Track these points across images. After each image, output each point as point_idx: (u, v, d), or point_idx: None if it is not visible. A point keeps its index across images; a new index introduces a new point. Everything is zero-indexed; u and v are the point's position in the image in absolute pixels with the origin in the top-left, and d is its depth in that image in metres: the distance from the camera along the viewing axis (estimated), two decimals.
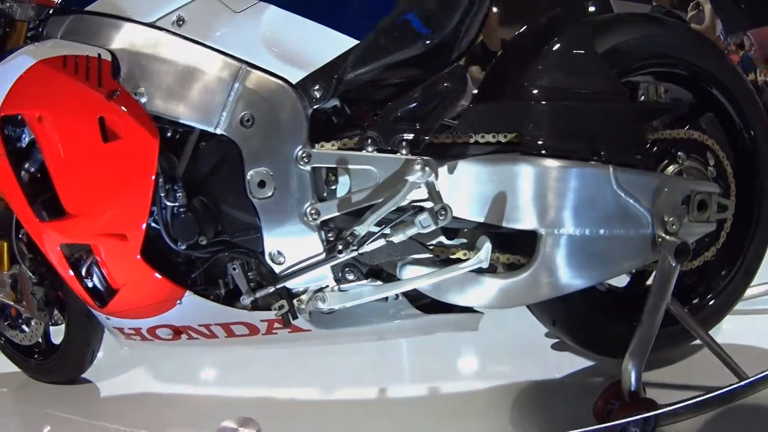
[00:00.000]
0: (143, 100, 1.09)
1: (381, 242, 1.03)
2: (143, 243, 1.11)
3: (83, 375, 1.60)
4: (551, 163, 1.04)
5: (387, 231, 1.02)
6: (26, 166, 1.25)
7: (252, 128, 1.05)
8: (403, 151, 1.02)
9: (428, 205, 1.01)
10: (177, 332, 1.26)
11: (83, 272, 1.24)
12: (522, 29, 1.19)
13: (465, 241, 1.12)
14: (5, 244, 1.51)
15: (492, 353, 1.44)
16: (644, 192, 1.09)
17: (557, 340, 1.46)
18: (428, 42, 1.06)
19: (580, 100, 1.08)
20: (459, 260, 1.07)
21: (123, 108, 1.07)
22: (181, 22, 1.11)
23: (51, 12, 1.33)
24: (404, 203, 1.01)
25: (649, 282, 1.31)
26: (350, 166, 1.03)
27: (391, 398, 1.37)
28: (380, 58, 1.06)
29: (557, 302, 1.15)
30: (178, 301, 1.17)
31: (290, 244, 1.07)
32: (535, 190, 1.04)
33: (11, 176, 1.22)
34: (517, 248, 1.10)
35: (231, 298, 1.18)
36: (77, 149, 1.12)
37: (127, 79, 1.11)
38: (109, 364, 1.61)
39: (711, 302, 1.31)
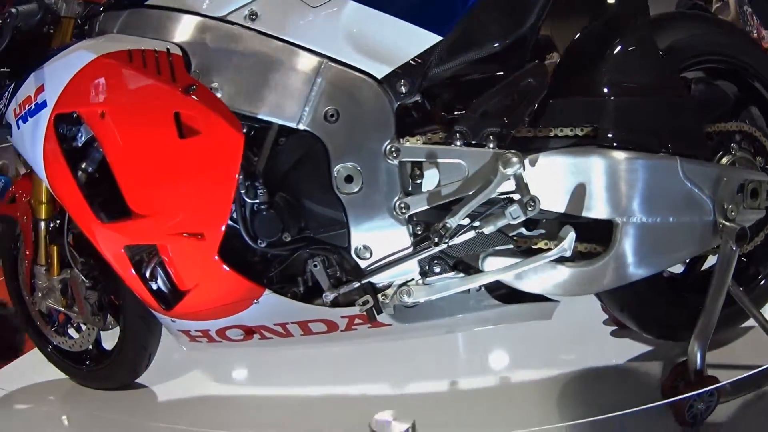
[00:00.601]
0: (218, 95, 1.08)
1: (471, 234, 1.05)
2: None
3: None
4: (625, 156, 1.08)
5: (477, 223, 1.05)
6: (83, 165, 1.23)
7: (337, 123, 1.06)
8: (491, 145, 1.05)
9: (516, 196, 1.04)
10: (249, 332, 1.25)
11: (147, 274, 1.23)
12: (586, 27, 1.22)
13: (544, 231, 1.15)
14: (55, 249, 1.49)
15: (556, 342, 1.48)
16: (706, 181, 1.14)
17: (615, 328, 1.51)
18: (510, 38, 1.09)
19: (647, 95, 1.13)
20: (541, 250, 1.11)
21: (203, 102, 1.05)
22: (254, 17, 1.09)
23: (103, 8, 1.30)
24: (493, 195, 1.04)
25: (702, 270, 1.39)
26: (439, 160, 1.06)
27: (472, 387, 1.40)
28: (464, 54, 1.08)
29: (627, 288, 1.20)
30: (255, 301, 1.16)
31: (378, 238, 1.08)
32: (611, 181, 1.08)
33: (69, 176, 1.19)
34: (592, 237, 1.14)
35: (309, 296, 1.18)
36: (148, 146, 1.10)
37: (199, 74, 1.10)
38: (162, 367, 1.59)
39: (761, 283, 1.38)
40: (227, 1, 1.12)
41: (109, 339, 1.56)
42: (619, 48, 1.13)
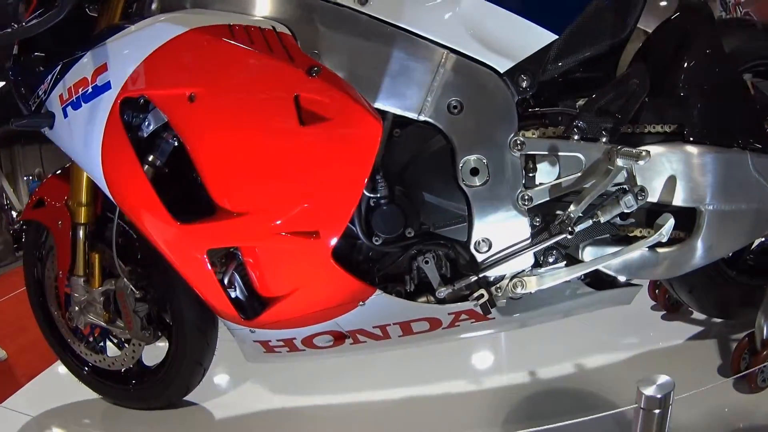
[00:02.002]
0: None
1: (589, 223, 1.09)
2: None
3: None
4: (706, 151, 1.16)
5: (597, 212, 1.08)
6: (150, 159, 1.11)
7: (461, 115, 1.05)
8: (604, 140, 1.09)
9: (627, 187, 1.09)
10: (341, 338, 1.20)
11: (226, 281, 1.14)
12: (656, 32, 1.29)
13: (634, 220, 1.20)
14: (97, 257, 1.35)
15: (612, 329, 1.56)
16: None
17: (664, 312, 1.61)
18: (618, 38, 1.14)
19: (721, 95, 1.22)
20: (637, 237, 1.16)
21: (331, 85, 0.96)
22: (364, 0, 1.04)
23: None
24: (609, 187, 1.08)
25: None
26: (559, 153, 1.08)
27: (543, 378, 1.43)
28: (576, 52, 1.11)
29: (695, 272, 1.27)
30: (361, 303, 1.11)
31: (499, 231, 1.09)
32: (695, 174, 1.16)
33: (138, 171, 1.07)
34: (677, 224, 1.21)
35: (415, 294, 1.15)
36: (255, 134, 1.00)
37: (306, 52, 1.02)
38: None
39: None
40: None
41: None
42: (695, 53, 1.20)
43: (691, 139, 1.16)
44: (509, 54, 1.06)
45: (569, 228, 1.06)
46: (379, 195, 1.07)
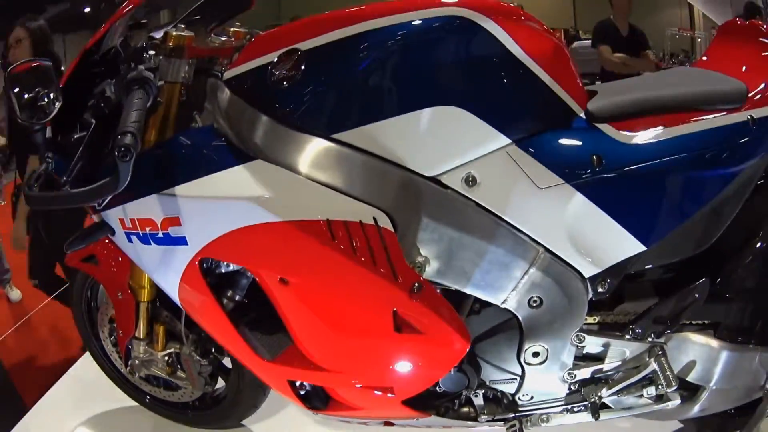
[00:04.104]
0: (427, 268, 1.05)
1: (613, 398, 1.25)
2: None
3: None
4: (732, 348, 1.25)
5: (621, 393, 1.24)
6: (229, 294, 1.20)
7: (538, 309, 1.12)
8: (649, 339, 1.20)
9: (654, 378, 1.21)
10: (389, 424, 1.37)
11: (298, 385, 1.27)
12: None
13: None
14: (161, 328, 1.44)
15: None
16: None
17: None
18: (701, 249, 1.18)
19: (755, 299, 1.25)
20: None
21: (429, 307, 1.03)
22: (472, 182, 1.03)
23: (233, 90, 1.08)
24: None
25: None
26: (610, 346, 1.20)
27: None
28: (654, 263, 1.17)
29: None
30: (416, 419, 1.27)
31: (541, 392, 1.25)
32: (713, 363, 1.25)
33: (221, 317, 1.17)
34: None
35: (458, 414, 1.30)
36: (350, 324, 1.09)
37: (404, 243, 1.04)
38: None
39: None
40: (442, 158, 1.03)
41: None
42: (733, 261, 1.24)
43: (722, 335, 1.26)
44: (598, 260, 1.11)
45: (597, 407, 1.23)
46: None
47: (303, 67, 1.02)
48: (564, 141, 1.08)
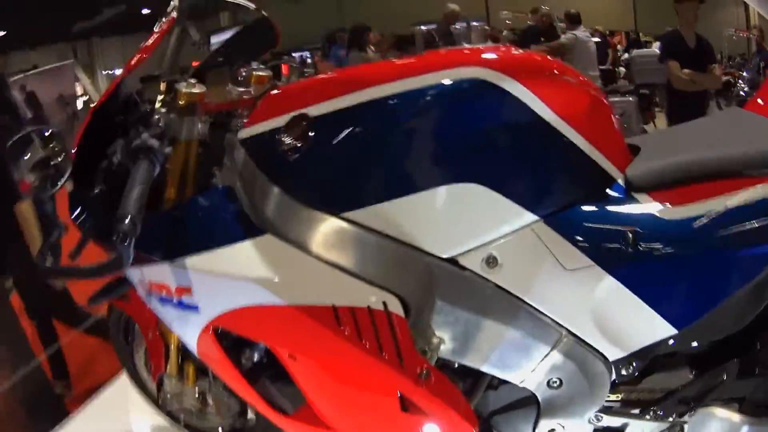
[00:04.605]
0: (442, 347, 1.02)
1: None
2: None
3: None
4: (750, 422, 1.16)
5: None
6: (246, 355, 1.19)
7: (557, 390, 1.08)
8: (671, 418, 1.14)
9: None
10: None
11: None
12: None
13: None
14: (191, 366, 1.46)
15: None
16: None
17: None
18: (732, 332, 1.09)
19: None
20: None
21: (435, 394, 1.00)
22: (493, 263, 0.96)
23: (253, 161, 1.03)
24: None
25: None
26: (629, 427, 1.15)
27: None
28: (683, 345, 1.10)
29: None
30: None
31: None
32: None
33: (238, 377, 1.17)
34: None
35: None
36: (358, 403, 1.07)
37: (419, 328, 1.00)
38: None
39: None
40: (460, 238, 0.97)
41: None
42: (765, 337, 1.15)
43: (747, 410, 1.18)
44: (625, 344, 1.06)
45: None
46: None
47: (311, 136, 0.97)
48: (597, 216, 1.00)
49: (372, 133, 0.95)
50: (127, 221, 0.91)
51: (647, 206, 1.01)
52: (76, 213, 1.18)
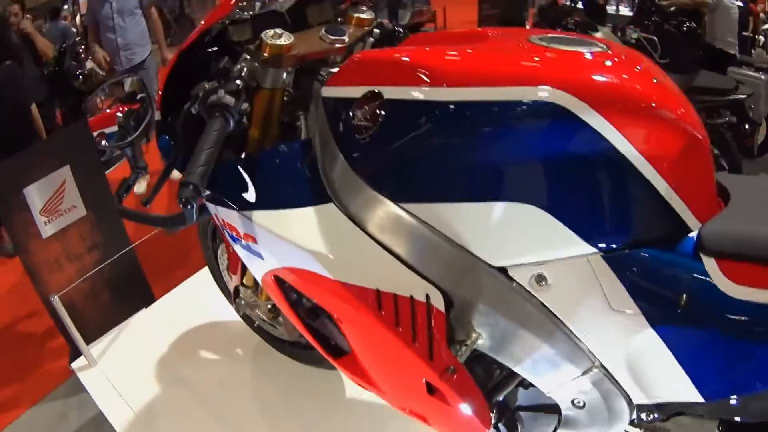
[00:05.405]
0: (479, 342, 1.01)
1: None
2: None
3: None
4: None
5: None
6: (304, 300, 1.29)
7: (580, 410, 1.06)
8: None
9: None
10: None
11: None
12: None
13: None
14: None
15: None
16: None
17: None
18: None
19: None
20: None
21: (457, 392, 1.01)
22: (542, 282, 0.93)
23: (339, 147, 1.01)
24: None
25: None
26: None
27: None
28: (713, 414, 1.03)
29: None
30: None
31: None
32: None
33: (296, 319, 1.28)
34: None
35: None
36: (393, 372, 1.12)
37: (459, 321, 1.00)
38: None
39: None
40: (513, 252, 0.93)
41: None
42: None
43: None
44: (651, 393, 1.00)
45: None
46: None
47: (382, 118, 0.95)
48: (657, 266, 0.90)
49: (442, 134, 0.91)
50: (189, 188, 0.92)
51: (712, 274, 0.89)
52: (161, 140, 1.25)
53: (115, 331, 2.25)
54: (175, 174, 1.21)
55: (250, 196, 1.09)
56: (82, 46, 4.65)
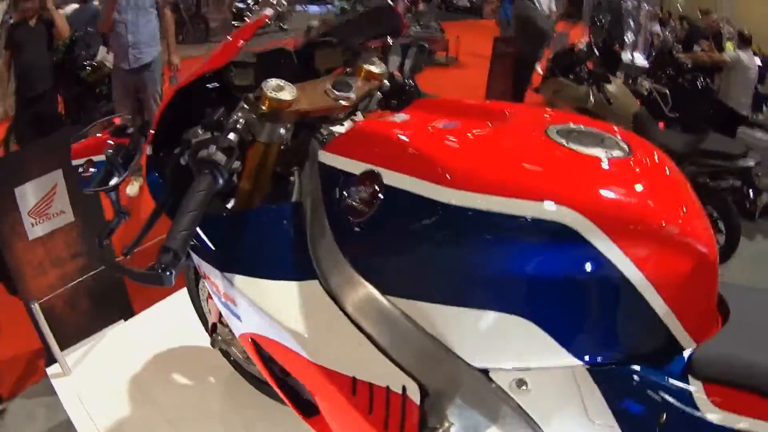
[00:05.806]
0: (452, 430, 0.96)
1: None
2: None
3: None
4: None
5: None
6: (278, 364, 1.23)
7: None
8: None
9: None
10: None
11: None
12: None
13: None
14: None
15: None
16: None
17: None
18: None
19: None
20: None
21: None
22: (522, 386, 0.91)
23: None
24: None
25: None
26: None
27: None
28: None
29: None
30: None
31: None
32: None
33: (269, 378, 1.27)
34: None
35: None
36: None
37: (433, 409, 0.96)
38: None
39: None
40: (496, 357, 0.90)
41: None
42: None
43: None
44: None
45: None
46: None
47: (377, 206, 0.91)
48: (641, 384, 0.88)
49: (439, 235, 0.88)
50: (170, 255, 0.88)
51: (697, 397, 0.87)
52: (150, 176, 1.22)
53: (91, 341, 2.22)
54: None
55: (234, 257, 1.06)
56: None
